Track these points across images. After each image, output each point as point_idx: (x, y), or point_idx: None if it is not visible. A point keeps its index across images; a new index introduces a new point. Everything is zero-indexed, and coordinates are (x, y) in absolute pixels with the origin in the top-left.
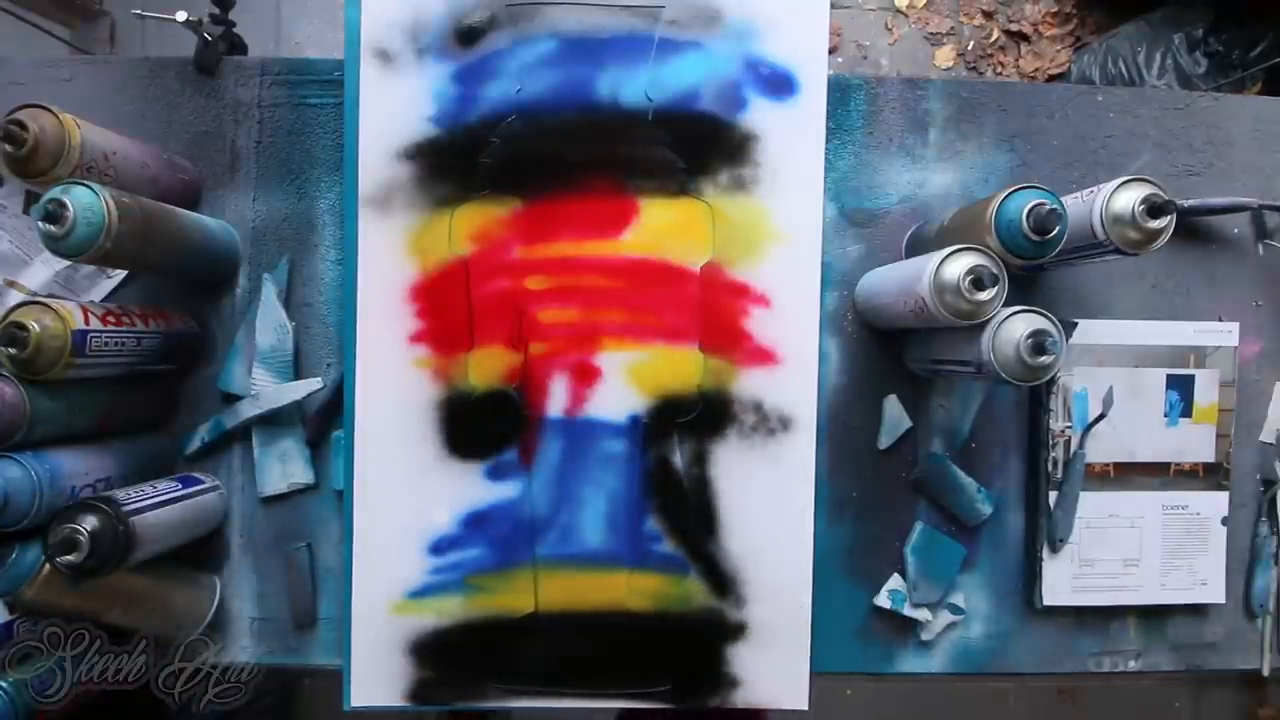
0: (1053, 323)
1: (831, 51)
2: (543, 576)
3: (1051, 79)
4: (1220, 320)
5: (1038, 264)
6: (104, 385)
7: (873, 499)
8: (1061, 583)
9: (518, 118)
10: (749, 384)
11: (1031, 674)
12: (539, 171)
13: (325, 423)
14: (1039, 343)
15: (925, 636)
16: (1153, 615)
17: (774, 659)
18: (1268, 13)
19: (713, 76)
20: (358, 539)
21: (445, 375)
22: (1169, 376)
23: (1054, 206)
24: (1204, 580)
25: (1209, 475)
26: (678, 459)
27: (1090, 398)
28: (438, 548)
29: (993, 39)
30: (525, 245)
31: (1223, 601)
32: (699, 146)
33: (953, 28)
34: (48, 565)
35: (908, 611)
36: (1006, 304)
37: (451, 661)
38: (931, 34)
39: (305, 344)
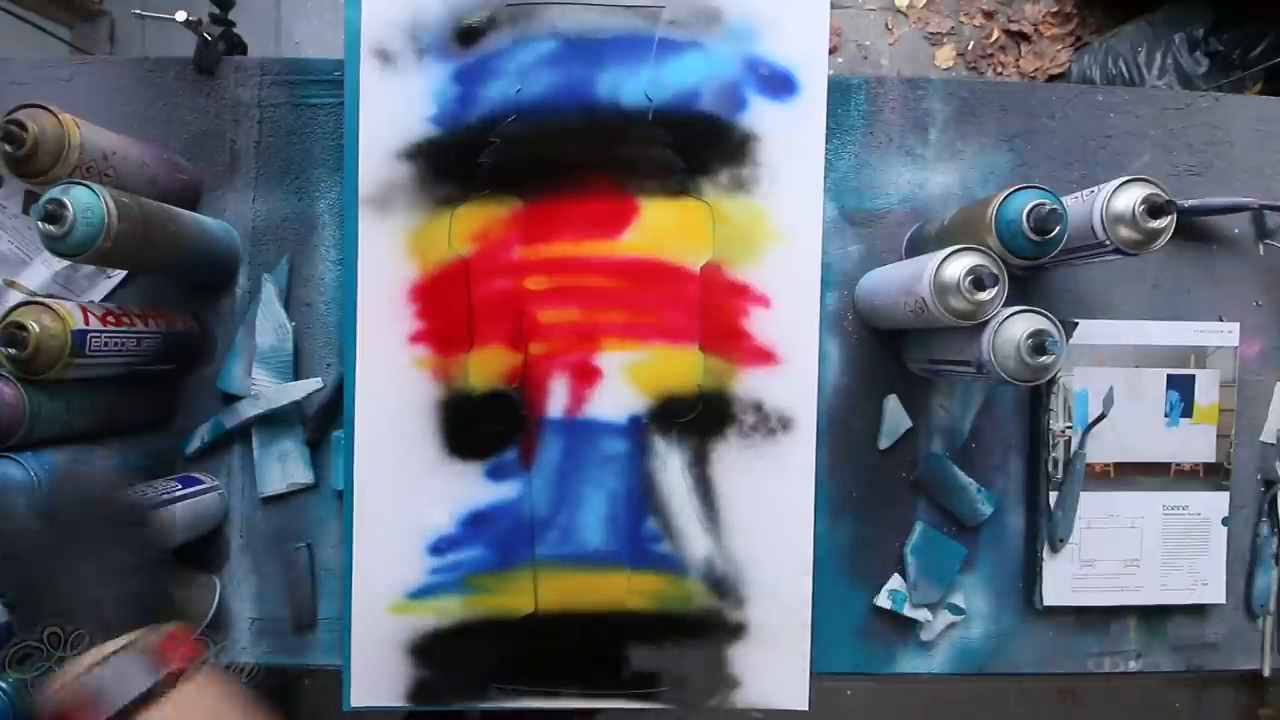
0: (1053, 323)
1: (831, 51)
2: (542, 577)
3: (1051, 79)
4: (1221, 320)
5: (1038, 264)
6: (104, 385)
7: (873, 499)
8: (1061, 583)
9: (518, 118)
10: (749, 384)
11: (1031, 674)
12: (539, 171)
13: (325, 423)
14: (1039, 343)
15: (925, 637)
16: (1153, 615)
17: (774, 659)
18: (1268, 13)
19: (713, 76)
20: (357, 539)
21: (445, 375)
22: (1169, 376)
23: (1054, 206)
24: (1204, 580)
25: (1209, 475)
26: (678, 459)
27: (1091, 398)
28: (437, 548)
29: (993, 39)
30: (525, 245)
31: (1223, 602)
32: (699, 146)
33: (953, 28)
34: None
35: (908, 612)
36: (1006, 304)
37: (451, 662)
38: (931, 34)
39: (305, 344)
